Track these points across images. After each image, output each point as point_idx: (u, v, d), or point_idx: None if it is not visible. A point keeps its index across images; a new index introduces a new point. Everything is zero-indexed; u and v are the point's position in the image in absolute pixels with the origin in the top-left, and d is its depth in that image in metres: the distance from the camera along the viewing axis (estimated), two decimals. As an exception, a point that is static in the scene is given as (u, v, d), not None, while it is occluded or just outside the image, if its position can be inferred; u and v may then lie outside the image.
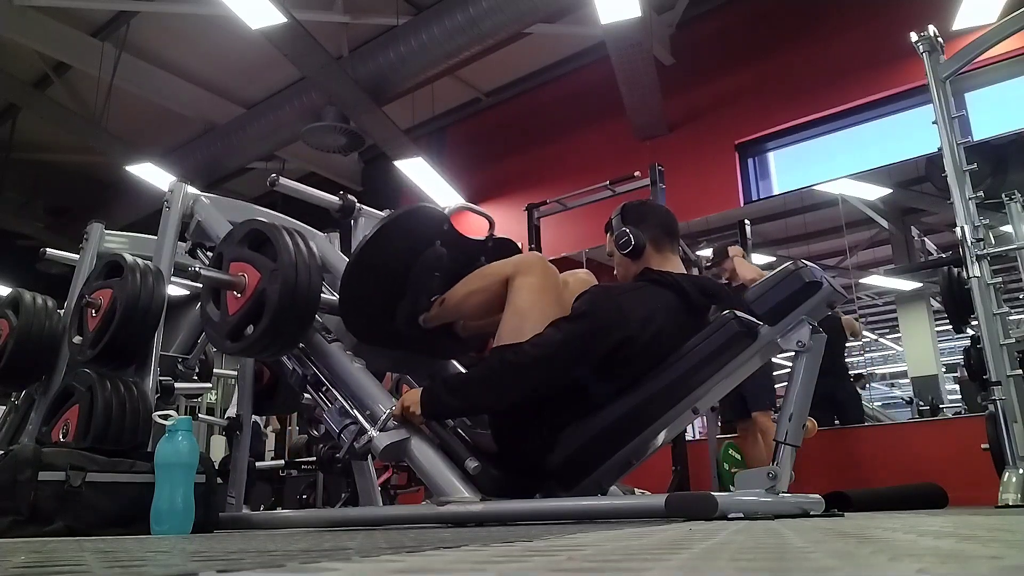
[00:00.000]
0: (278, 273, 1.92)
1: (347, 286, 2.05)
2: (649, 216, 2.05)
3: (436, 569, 0.55)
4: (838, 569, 0.49)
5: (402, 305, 2.11)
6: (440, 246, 2.13)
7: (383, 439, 1.83)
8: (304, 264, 1.94)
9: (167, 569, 0.66)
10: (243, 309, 1.98)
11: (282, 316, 1.92)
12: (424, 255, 2.11)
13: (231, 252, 2.08)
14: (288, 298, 1.91)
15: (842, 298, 1.75)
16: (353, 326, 2.12)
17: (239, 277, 2.01)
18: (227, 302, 2.04)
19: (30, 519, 1.76)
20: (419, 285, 2.11)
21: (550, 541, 0.88)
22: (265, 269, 1.96)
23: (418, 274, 2.10)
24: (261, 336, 1.94)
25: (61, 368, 2.53)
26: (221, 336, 2.04)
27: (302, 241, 2.00)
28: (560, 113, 6.42)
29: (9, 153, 7.27)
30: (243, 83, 6.67)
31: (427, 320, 2.12)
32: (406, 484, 4.21)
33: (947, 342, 5.96)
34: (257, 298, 1.95)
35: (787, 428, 1.67)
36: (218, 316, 2.06)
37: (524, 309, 1.85)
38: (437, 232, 2.14)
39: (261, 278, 1.96)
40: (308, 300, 1.96)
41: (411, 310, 2.11)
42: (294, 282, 1.91)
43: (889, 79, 4.76)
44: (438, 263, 2.12)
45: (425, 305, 2.11)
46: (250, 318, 1.98)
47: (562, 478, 1.82)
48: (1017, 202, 3.30)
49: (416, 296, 2.10)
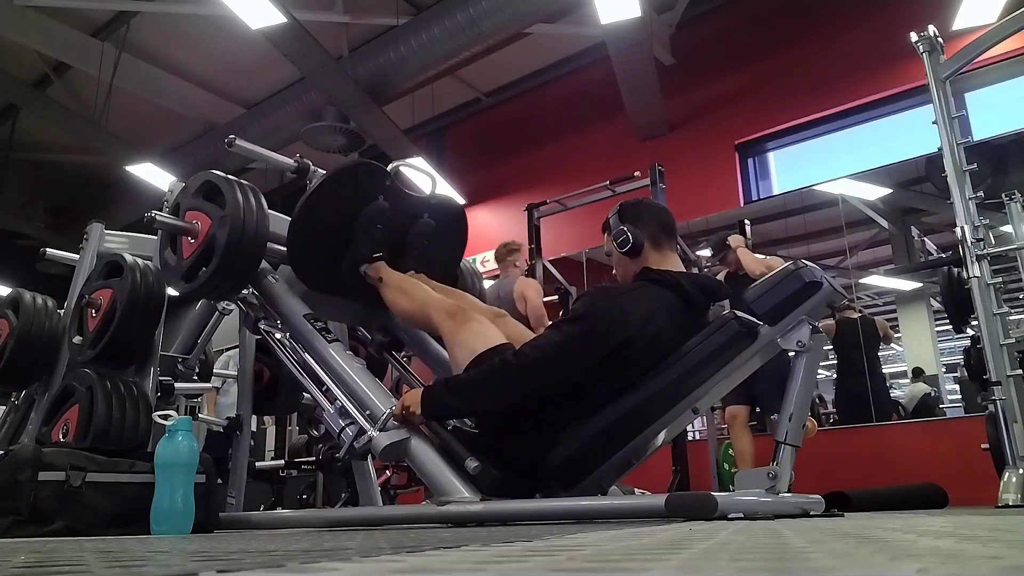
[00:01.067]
0: (227, 219, 2.09)
1: (294, 233, 2.19)
2: (646, 214, 2.05)
3: (436, 569, 0.55)
4: (838, 569, 0.49)
5: (347, 256, 2.26)
6: (383, 200, 2.26)
7: (383, 439, 1.84)
8: (251, 210, 2.11)
9: (167, 569, 0.66)
10: (196, 253, 2.15)
11: (230, 257, 2.09)
12: (367, 208, 2.24)
13: (187, 203, 2.23)
14: (235, 240, 2.08)
15: (842, 298, 1.75)
16: (302, 272, 2.28)
17: (193, 224, 2.17)
18: (182, 247, 2.21)
19: (30, 519, 1.76)
20: (362, 236, 2.25)
21: (550, 541, 0.88)
22: (216, 216, 2.12)
23: (361, 225, 2.24)
24: (211, 276, 2.10)
25: (61, 368, 2.53)
26: (176, 278, 2.21)
27: (251, 193, 2.16)
28: (560, 113, 6.42)
29: (9, 153, 7.28)
30: (243, 83, 6.68)
31: (366, 272, 2.25)
32: (406, 484, 4.21)
33: (947, 342, 5.96)
34: (208, 242, 2.12)
35: (787, 428, 1.67)
36: (174, 260, 2.22)
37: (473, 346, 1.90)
38: (380, 187, 2.27)
39: (212, 224, 2.12)
40: (254, 243, 2.12)
41: (353, 259, 2.26)
42: (241, 227, 2.09)
43: (889, 79, 4.76)
44: (380, 216, 2.25)
45: (366, 256, 2.25)
46: (202, 261, 2.15)
47: (562, 478, 1.82)
48: (1017, 202, 3.29)
49: (359, 246, 2.25)
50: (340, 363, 2.05)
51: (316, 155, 6.83)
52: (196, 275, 2.16)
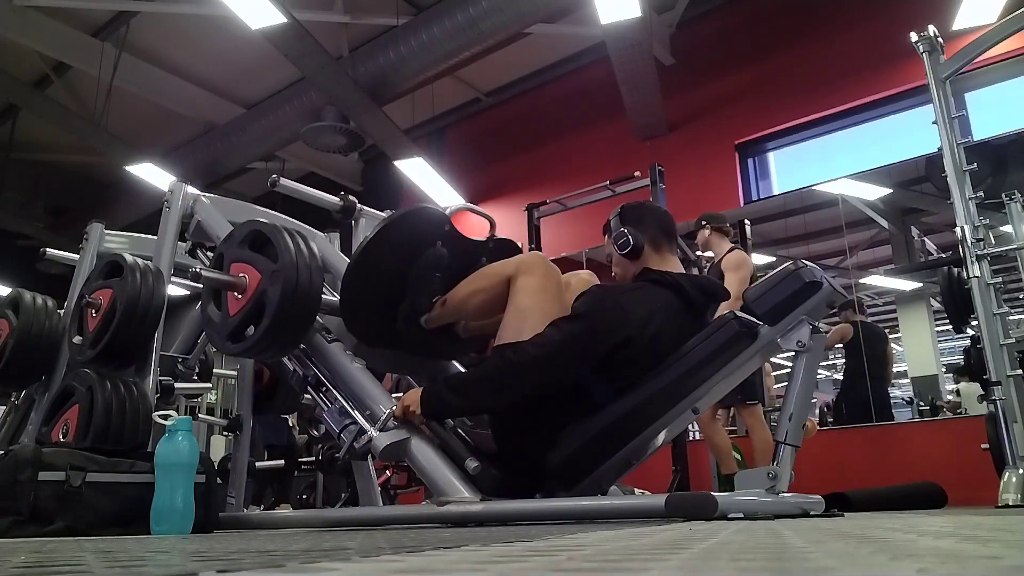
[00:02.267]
0: (279, 274, 1.92)
1: (348, 287, 2.04)
2: (647, 217, 2.05)
3: (436, 569, 0.55)
4: (838, 569, 0.49)
5: (403, 306, 2.10)
6: (441, 247, 2.12)
7: (383, 439, 1.83)
8: (305, 265, 1.94)
9: (167, 569, 0.66)
10: (244, 310, 1.98)
11: (283, 317, 1.92)
12: (425, 256, 2.10)
13: (232, 253, 2.08)
14: (289, 299, 1.91)
15: (842, 298, 1.75)
16: (354, 327, 2.11)
17: (240, 278, 2.01)
18: (228, 303, 2.04)
19: (30, 519, 1.76)
20: (420, 286, 2.09)
21: (550, 541, 0.88)
22: (266, 270, 1.96)
23: (419, 275, 2.09)
24: (262, 337, 1.94)
25: (61, 368, 2.53)
26: (222, 337, 2.04)
27: (303, 242, 2.00)
28: (560, 113, 6.42)
29: (9, 153, 7.28)
30: (243, 83, 6.68)
31: (428, 321, 2.10)
32: (406, 484, 4.21)
33: (947, 342, 5.96)
34: (258, 299, 1.95)
35: (787, 428, 1.67)
36: (219, 317, 2.06)
37: (525, 309, 1.85)
38: (438, 233, 2.12)
39: (262, 279, 1.96)
40: (309, 301, 1.96)
41: (412, 311, 2.10)
42: (295, 283, 1.91)
43: (889, 79, 4.76)
44: (439, 263, 2.11)
45: (426, 306, 2.09)
46: (251, 319, 1.98)
47: (562, 478, 1.82)
48: (1017, 202, 3.29)
49: (417, 296, 2.09)
50: (340, 363, 2.04)
51: (316, 155, 6.84)
52: (244, 335, 2.00)
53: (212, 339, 2.17)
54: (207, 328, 2.15)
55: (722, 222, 3.92)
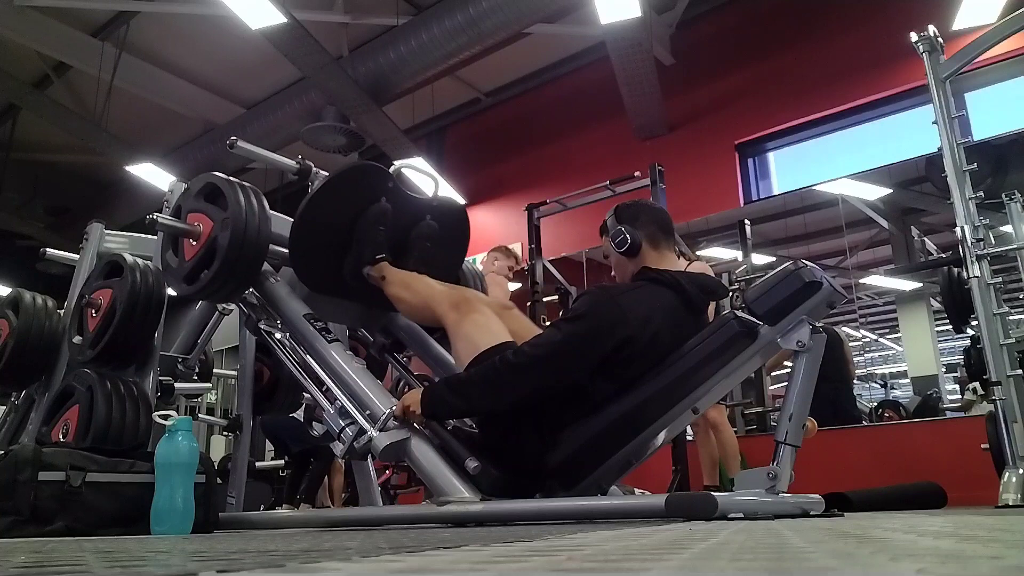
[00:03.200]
0: (228, 221, 2.08)
1: (296, 236, 2.18)
2: (643, 214, 2.05)
3: (436, 569, 0.55)
4: (838, 569, 0.49)
5: (348, 258, 2.26)
6: (385, 202, 2.25)
7: (383, 439, 1.84)
8: (253, 213, 2.11)
9: (167, 569, 0.66)
10: (198, 255, 2.15)
11: (232, 260, 2.08)
12: (369, 210, 2.23)
13: (189, 204, 2.23)
14: (237, 243, 2.07)
15: (842, 298, 1.75)
16: (304, 275, 2.28)
17: (195, 226, 2.17)
18: (184, 249, 2.21)
19: (30, 519, 1.75)
20: (364, 238, 2.24)
21: (550, 541, 0.88)
22: (218, 218, 2.12)
23: (363, 228, 2.23)
24: (213, 278, 2.10)
25: (61, 368, 2.53)
26: (178, 280, 2.21)
27: (253, 196, 2.16)
28: (560, 113, 6.42)
29: (9, 153, 7.28)
30: (243, 83, 6.68)
31: (369, 273, 2.24)
32: (406, 484, 4.22)
33: (947, 342, 5.96)
34: (210, 244, 2.12)
35: (787, 428, 1.67)
36: (176, 262, 2.23)
37: (476, 340, 1.89)
38: (382, 188, 2.26)
39: (214, 226, 2.12)
40: (257, 245, 2.12)
41: (356, 261, 2.25)
42: (243, 228, 2.08)
43: (889, 79, 4.76)
44: (383, 218, 2.24)
45: (369, 257, 2.23)
46: (204, 263, 2.14)
47: (562, 478, 1.82)
48: (1017, 202, 3.29)
49: (361, 248, 2.24)
50: (340, 363, 2.05)
51: (316, 155, 6.83)
52: (198, 277, 2.15)
53: (170, 283, 2.30)
54: (165, 274, 2.29)
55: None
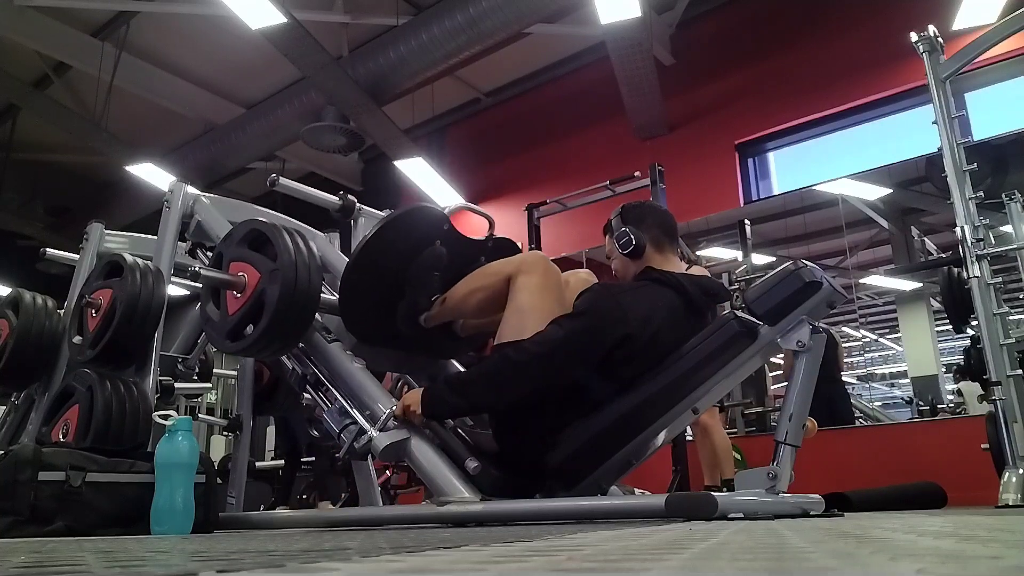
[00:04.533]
0: (278, 273, 1.93)
1: (347, 286, 2.05)
2: (648, 216, 2.05)
3: (436, 569, 0.55)
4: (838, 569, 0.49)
5: (402, 305, 2.11)
6: (440, 246, 2.12)
7: (383, 439, 1.83)
8: (304, 264, 1.95)
9: (167, 569, 0.66)
10: (243, 309, 1.99)
11: (282, 316, 1.92)
12: (424, 255, 2.10)
13: (231, 252, 2.09)
14: (288, 298, 1.91)
15: (842, 298, 1.75)
16: (353, 326, 2.12)
17: (239, 277, 2.01)
18: (227, 302, 2.05)
19: (30, 519, 1.75)
20: (419, 284, 2.10)
21: (550, 541, 0.88)
22: (265, 269, 1.97)
23: (418, 274, 2.10)
24: (261, 336, 1.94)
25: (61, 368, 2.53)
26: (221, 336, 2.05)
27: (302, 241, 2.00)
28: (560, 113, 6.42)
29: (9, 153, 7.27)
30: (243, 83, 6.67)
31: (428, 319, 2.11)
32: (406, 484, 4.21)
33: (947, 342, 5.96)
34: (257, 298, 1.96)
35: (787, 428, 1.67)
36: (218, 316, 2.06)
37: (525, 308, 1.85)
38: (437, 232, 2.13)
39: (261, 278, 1.97)
40: (308, 300, 1.96)
41: (411, 310, 2.11)
42: (294, 282, 1.91)
43: (889, 79, 4.76)
44: (438, 263, 2.11)
45: (425, 305, 2.10)
46: (250, 318, 1.99)
47: (562, 478, 1.82)
48: (1017, 202, 3.29)
49: (416, 295, 2.10)
50: (340, 363, 2.04)
51: (316, 155, 6.84)
52: (243, 333, 2.01)
53: (211, 338, 2.17)
54: (206, 327, 2.16)
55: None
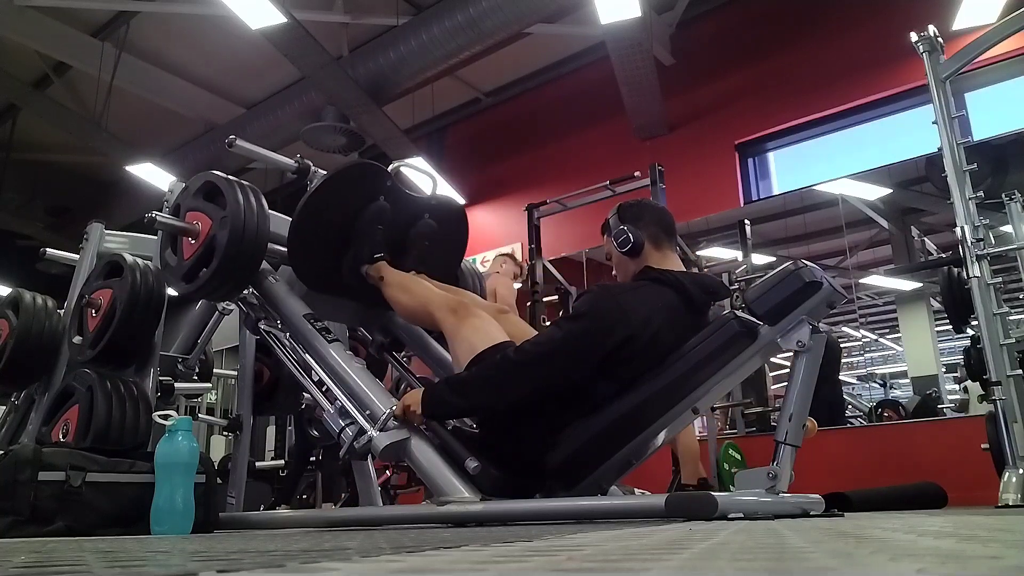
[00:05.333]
0: (227, 219, 2.08)
1: (295, 234, 2.19)
2: (646, 214, 2.05)
3: (436, 569, 0.55)
4: (838, 569, 0.49)
5: (347, 256, 2.26)
6: (384, 201, 2.26)
7: (383, 439, 1.84)
8: (252, 211, 2.11)
9: (167, 569, 0.66)
10: (196, 253, 2.15)
11: (231, 258, 2.08)
12: (368, 209, 2.24)
13: (188, 203, 2.23)
14: (236, 241, 2.07)
15: (842, 298, 1.75)
16: (302, 274, 2.28)
17: (193, 224, 2.17)
18: (183, 248, 2.21)
19: (30, 519, 1.75)
20: (362, 237, 2.24)
21: (550, 541, 0.88)
22: (216, 216, 2.12)
23: (362, 226, 2.24)
24: (212, 277, 2.10)
25: (61, 368, 2.52)
26: (177, 279, 2.20)
27: (252, 194, 2.15)
28: (560, 113, 6.42)
29: (9, 153, 7.27)
30: (243, 83, 6.67)
31: (367, 272, 2.24)
32: (406, 484, 4.21)
33: (947, 342, 5.96)
34: (209, 243, 2.12)
35: (787, 428, 1.67)
36: (175, 261, 2.22)
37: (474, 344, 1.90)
38: (381, 187, 2.27)
39: (212, 224, 2.12)
40: (255, 244, 2.12)
41: (354, 260, 2.26)
42: (242, 227, 2.08)
43: (889, 79, 4.76)
44: (381, 217, 2.25)
45: (367, 256, 2.24)
46: (203, 261, 2.14)
47: (562, 478, 1.82)
48: (1017, 202, 3.29)
49: (360, 247, 2.25)
50: (340, 363, 2.05)
51: (316, 155, 6.83)
52: (197, 276, 2.15)
53: (168, 282, 2.29)
54: (164, 272, 2.29)
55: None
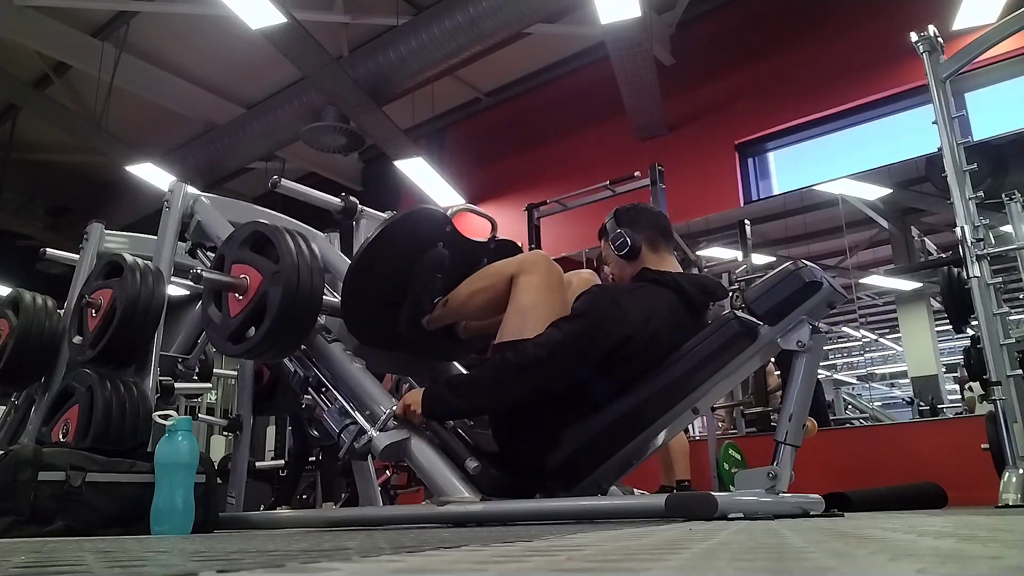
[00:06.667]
0: (280, 275, 1.92)
1: (350, 288, 2.04)
2: (642, 217, 2.05)
3: (436, 569, 0.55)
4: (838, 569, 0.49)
5: (404, 307, 2.10)
6: (442, 248, 2.11)
7: (383, 439, 1.83)
8: (306, 266, 1.94)
9: (167, 569, 0.66)
10: (245, 311, 1.99)
11: (284, 318, 1.92)
12: (426, 256, 2.09)
13: (233, 254, 2.08)
14: (290, 300, 1.91)
15: (842, 298, 1.75)
16: (355, 328, 2.11)
17: (241, 279, 2.01)
18: (228, 304, 2.04)
19: (30, 519, 1.75)
20: (421, 287, 2.09)
21: (550, 541, 0.88)
22: (267, 271, 1.96)
23: (420, 276, 2.09)
24: (263, 339, 1.94)
25: (61, 368, 2.52)
26: (223, 338, 2.04)
27: (304, 243, 2.00)
28: (560, 113, 6.42)
29: (9, 153, 7.27)
30: (243, 83, 6.67)
31: (430, 322, 2.10)
32: (406, 484, 4.21)
33: (947, 342, 5.96)
34: (259, 300, 1.95)
35: (787, 428, 1.67)
36: (220, 318, 2.06)
37: (527, 308, 1.85)
38: (439, 234, 2.12)
39: (263, 280, 1.96)
40: (310, 302, 1.96)
41: (413, 312, 2.10)
42: (296, 284, 1.91)
43: (889, 79, 4.76)
44: (440, 265, 2.10)
45: (427, 307, 2.09)
46: (252, 320, 1.98)
47: (562, 478, 1.82)
48: (1017, 202, 3.29)
49: (418, 298, 2.09)
50: (340, 364, 2.04)
51: (316, 155, 6.84)
52: (245, 336, 2.01)
53: (213, 340, 2.16)
54: (208, 329, 2.16)
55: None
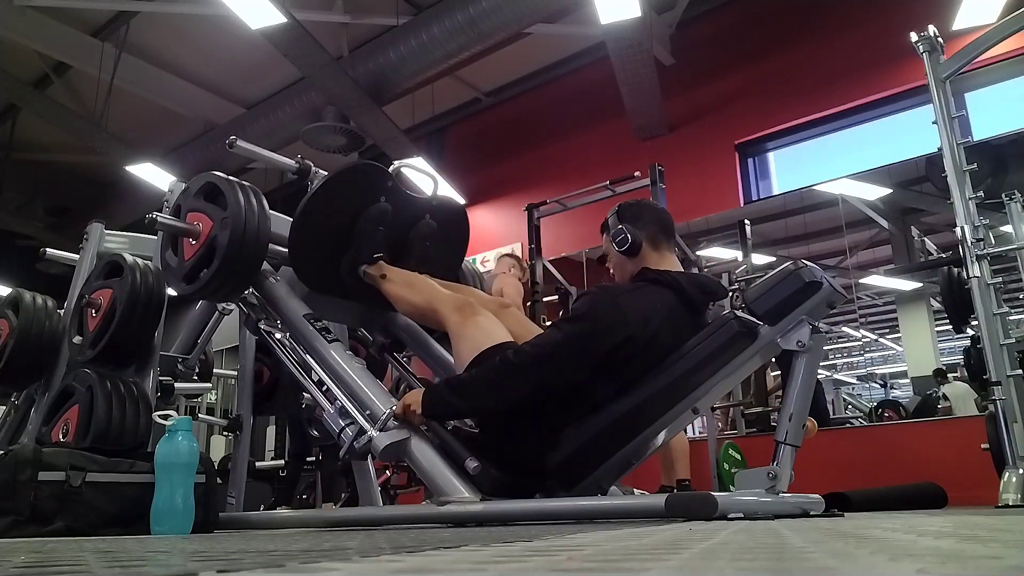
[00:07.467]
0: (228, 220, 2.09)
1: (295, 235, 2.19)
2: (645, 214, 2.05)
3: (436, 569, 0.55)
4: (838, 569, 0.49)
5: (346, 256, 2.25)
6: (384, 202, 2.26)
7: (383, 439, 1.84)
8: (252, 213, 2.11)
9: (167, 569, 0.66)
10: (197, 254, 2.16)
11: (231, 259, 2.09)
12: (368, 210, 2.24)
13: (188, 203, 2.24)
14: (237, 242, 2.08)
15: (842, 298, 1.75)
16: (303, 274, 2.29)
17: (194, 225, 2.18)
18: (183, 249, 2.21)
19: (30, 519, 1.75)
20: (363, 238, 2.24)
21: (550, 541, 0.88)
22: (217, 217, 2.13)
23: (362, 227, 2.24)
24: (212, 277, 2.10)
25: (61, 368, 2.52)
26: (177, 279, 2.21)
27: (252, 194, 2.16)
28: (560, 113, 6.42)
29: (9, 153, 7.28)
30: (243, 83, 6.68)
31: (366, 273, 2.23)
32: (406, 484, 4.21)
33: (947, 342, 5.97)
34: (209, 244, 2.13)
35: (787, 428, 1.67)
36: (175, 262, 2.23)
37: (479, 341, 1.90)
38: (382, 188, 2.27)
39: (213, 225, 2.13)
40: (256, 245, 2.12)
41: (353, 261, 2.25)
42: (243, 228, 2.09)
43: (889, 79, 4.76)
44: (382, 217, 2.25)
45: (367, 257, 2.23)
46: (203, 262, 2.15)
47: (562, 478, 1.82)
48: (1017, 202, 3.29)
49: (360, 248, 2.24)
50: (340, 363, 2.05)
51: (316, 155, 6.83)
52: (197, 276, 2.16)
53: (169, 282, 2.30)
54: (164, 273, 2.30)
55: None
